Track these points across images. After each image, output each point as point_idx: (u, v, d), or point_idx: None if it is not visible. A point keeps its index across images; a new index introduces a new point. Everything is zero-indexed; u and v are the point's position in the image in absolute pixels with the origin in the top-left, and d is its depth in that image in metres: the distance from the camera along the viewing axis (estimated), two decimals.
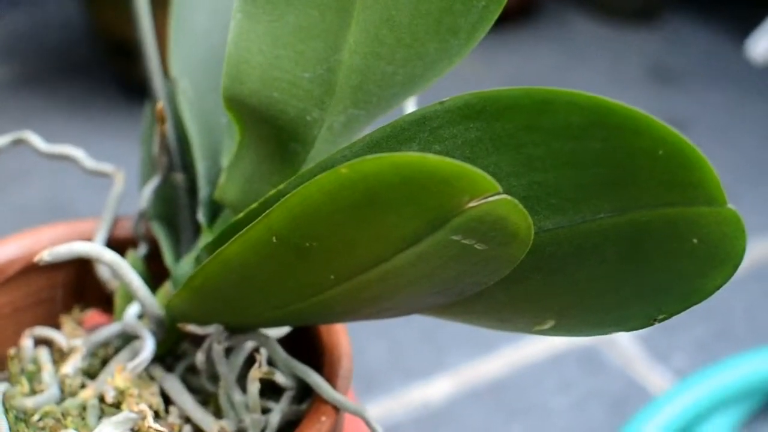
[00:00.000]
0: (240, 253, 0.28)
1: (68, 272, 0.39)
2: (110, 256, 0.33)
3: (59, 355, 0.36)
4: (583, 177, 0.26)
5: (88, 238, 0.39)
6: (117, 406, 0.33)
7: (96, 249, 0.32)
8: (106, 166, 0.39)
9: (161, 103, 0.35)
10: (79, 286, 0.40)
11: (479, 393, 0.53)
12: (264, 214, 0.27)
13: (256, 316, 0.31)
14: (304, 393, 0.34)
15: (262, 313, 0.30)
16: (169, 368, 0.35)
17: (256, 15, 0.29)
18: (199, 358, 0.33)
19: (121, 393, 0.32)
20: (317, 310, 0.29)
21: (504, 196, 0.23)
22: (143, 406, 0.30)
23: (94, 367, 0.35)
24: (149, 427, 0.30)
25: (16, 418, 0.33)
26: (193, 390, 0.34)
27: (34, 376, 0.35)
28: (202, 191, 0.35)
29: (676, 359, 0.57)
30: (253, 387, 0.32)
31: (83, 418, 0.33)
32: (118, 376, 0.32)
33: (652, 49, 0.94)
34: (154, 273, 0.36)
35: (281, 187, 0.30)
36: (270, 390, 0.34)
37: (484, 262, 0.27)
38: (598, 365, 0.57)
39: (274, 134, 0.31)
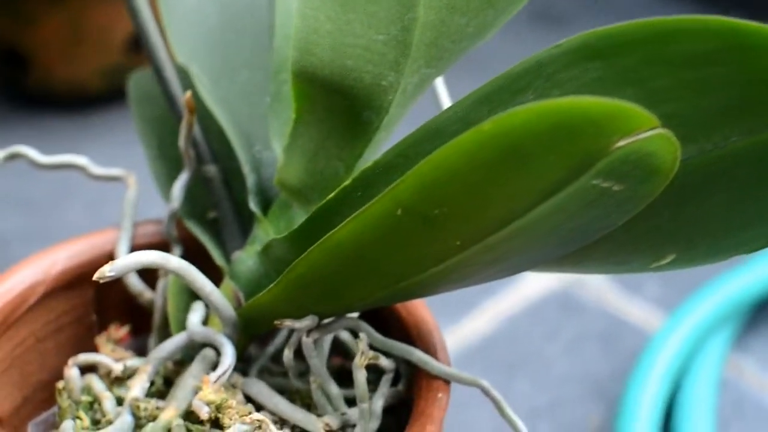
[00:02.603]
0: (357, 232, 0.26)
1: (85, 293, 0.36)
2: (176, 262, 0.30)
3: (110, 380, 0.33)
4: (713, 103, 0.26)
5: (110, 249, 0.36)
6: (209, 422, 0.30)
7: (162, 256, 0.30)
8: (115, 171, 0.36)
9: (189, 92, 0.32)
10: (99, 306, 0.36)
11: (472, 353, 0.53)
12: (391, 186, 0.25)
13: (361, 299, 0.29)
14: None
15: (370, 294, 0.29)
16: (244, 373, 0.33)
17: None
18: (287, 354, 0.31)
19: (218, 407, 0.29)
20: (433, 281, 0.28)
21: (660, 130, 0.23)
22: (259, 415, 0.28)
23: (156, 387, 0.33)
24: None
25: None
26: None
27: (92, 407, 0.32)
28: (250, 179, 0.33)
29: (648, 289, 0.58)
30: (361, 375, 0.30)
31: None
32: (207, 390, 0.30)
33: None
34: None
35: (379, 158, 0.28)
36: (346, 378, 0.33)
37: (618, 204, 0.26)
38: (575, 308, 0.57)
39: (346, 105, 0.29)
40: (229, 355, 0.31)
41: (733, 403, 0.50)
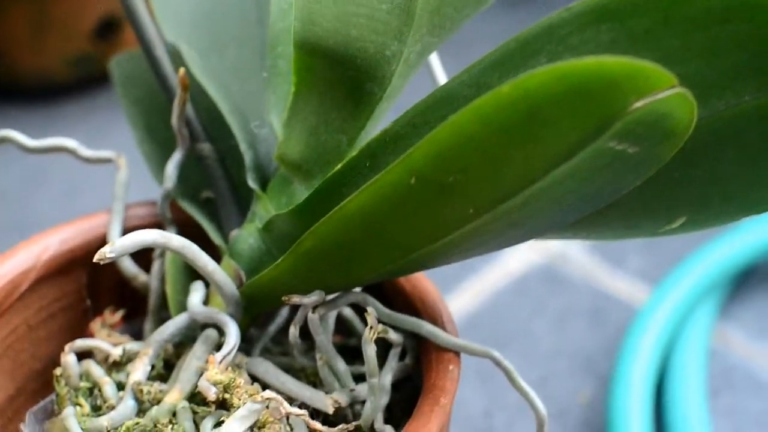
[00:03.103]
0: (368, 203, 0.25)
1: (77, 278, 0.35)
2: (178, 240, 0.29)
3: (108, 365, 0.32)
4: (726, 63, 0.26)
5: (102, 233, 0.35)
6: (215, 403, 0.30)
7: (163, 235, 0.29)
8: (105, 153, 0.35)
9: (183, 69, 0.32)
10: (91, 292, 0.36)
11: (460, 331, 0.52)
12: (404, 155, 0.24)
13: (370, 272, 0.29)
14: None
15: (379, 266, 0.28)
16: (246, 353, 0.32)
17: None
18: (293, 332, 0.30)
19: (225, 387, 0.29)
20: (444, 251, 0.28)
21: (678, 89, 0.22)
22: (271, 393, 0.27)
23: (157, 370, 0.32)
24: (287, 413, 0.27)
25: None
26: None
27: (91, 394, 0.32)
28: (247, 155, 0.32)
29: (631, 262, 0.58)
30: (370, 349, 0.29)
31: (174, 425, 0.29)
32: (213, 370, 0.29)
33: None
34: None
35: (387, 128, 0.28)
36: (348, 355, 0.32)
37: (632, 167, 0.25)
38: (560, 283, 0.57)
39: (349, 76, 0.29)
40: (233, 334, 0.30)
41: (722, 372, 0.51)
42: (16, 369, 0.34)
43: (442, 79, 0.34)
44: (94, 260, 0.28)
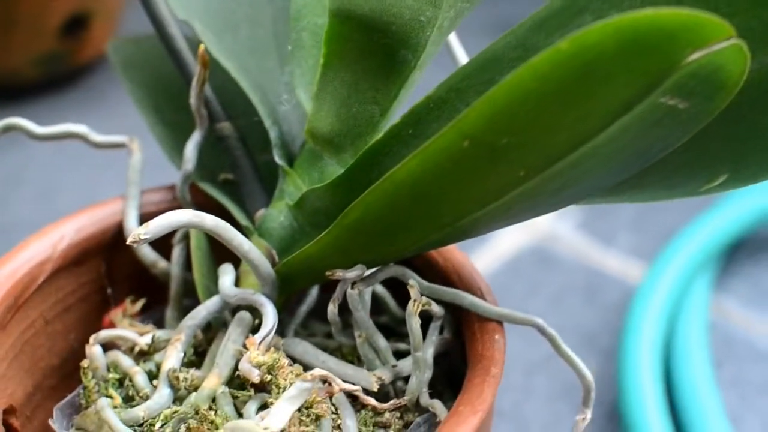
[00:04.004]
0: (418, 169, 0.25)
1: (93, 269, 0.34)
2: (212, 220, 0.28)
3: (134, 355, 0.31)
4: None
5: (118, 220, 0.34)
6: (253, 387, 0.29)
7: (197, 215, 0.28)
8: (117, 138, 0.34)
9: (203, 46, 0.31)
10: (108, 281, 0.35)
11: None
12: (457, 118, 0.24)
13: (413, 243, 0.28)
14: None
15: (424, 236, 0.28)
16: (281, 333, 0.31)
17: None
18: (332, 309, 0.30)
19: (269, 368, 0.28)
20: (490, 218, 0.27)
21: (734, 41, 0.22)
22: (322, 371, 0.27)
23: (187, 357, 0.31)
24: (341, 389, 0.27)
25: None
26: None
27: (121, 385, 0.31)
28: (272, 132, 0.31)
29: (621, 239, 0.58)
30: (415, 322, 0.29)
31: (215, 411, 0.29)
32: (254, 352, 0.28)
33: None
34: None
35: (431, 93, 0.27)
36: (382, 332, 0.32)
37: (681, 123, 0.25)
38: (552, 262, 0.57)
39: (383, 44, 0.28)
40: (271, 315, 0.29)
41: (723, 344, 0.51)
42: (33, 365, 0.33)
43: (462, 57, 0.34)
44: (128, 242, 0.27)
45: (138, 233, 0.27)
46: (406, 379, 0.30)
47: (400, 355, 0.31)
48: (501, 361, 0.28)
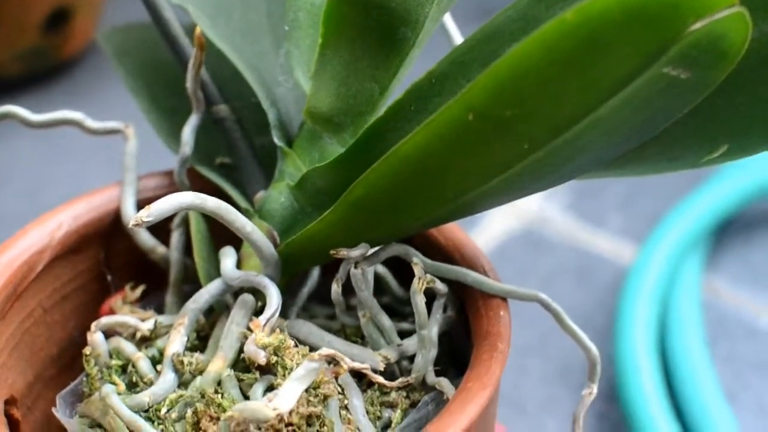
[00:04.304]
0: (423, 144, 0.25)
1: (90, 256, 0.34)
2: (213, 202, 0.28)
3: (136, 341, 0.31)
4: None
5: (115, 207, 0.34)
6: (258, 369, 0.29)
7: (198, 197, 0.28)
8: (112, 124, 0.34)
9: (199, 28, 0.31)
10: (104, 270, 0.34)
11: None
12: (463, 91, 0.24)
13: (418, 220, 0.28)
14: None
15: (429, 212, 0.27)
16: (284, 316, 0.31)
17: None
18: (335, 289, 0.30)
19: (275, 349, 0.28)
20: (493, 193, 0.27)
21: (737, 9, 0.22)
22: (330, 350, 0.27)
23: (190, 341, 0.31)
24: (348, 369, 0.27)
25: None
26: None
27: (124, 371, 0.30)
28: (270, 113, 0.31)
29: (610, 220, 0.59)
30: (420, 300, 0.29)
31: (221, 394, 0.28)
32: (260, 333, 0.28)
33: None
34: None
35: (432, 68, 0.27)
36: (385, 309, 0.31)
37: (683, 94, 0.25)
38: (542, 245, 0.57)
39: (382, 21, 0.28)
40: (274, 296, 0.29)
41: (716, 322, 0.51)
42: (33, 355, 0.33)
43: (457, 38, 0.34)
44: (130, 225, 0.27)
45: (140, 216, 0.27)
46: (411, 358, 0.30)
47: (403, 334, 0.31)
48: (507, 336, 0.28)
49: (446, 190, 0.27)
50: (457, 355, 0.32)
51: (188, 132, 0.32)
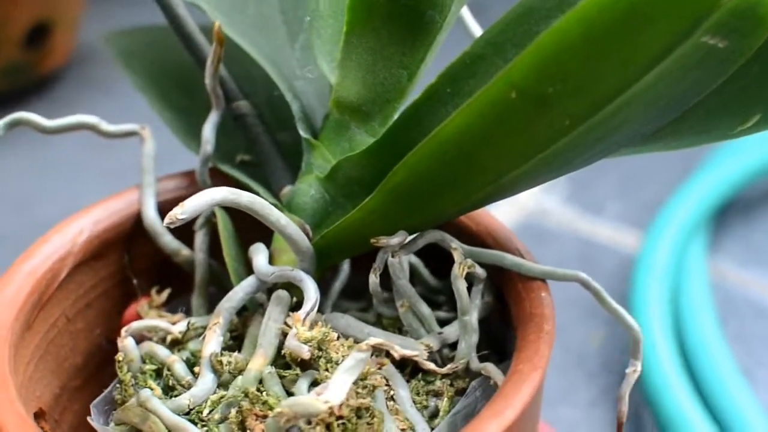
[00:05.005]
0: (465, 124, 0.24)
1: (112, 262, 0.33)
2: (248, 197, 0.28)
3: (167, 345, 0.30)
4: None
5: (135, 210, 0.33)
6: (298, 365, 0.28)
7: (233, 192, 0.27)
8: (128, 126, 0.33)
9: (218, 23, 0.30)
10: (130, 274, 0.34)
11: None
12: (505, 69, 0.23)
13: (456, 204, 0.28)
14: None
15: (467, 196, 0.27)
16: (318, 310, 0.31)
17: None
18: (373, 280, 0.29)
19: (319, 343, 0.27)
20: (533, 172, 0.27)
21: None
22: (376, 339, 0.26)
23: (224, 342, 0.30)
24: (402, 355, 0.26)
25: None
26: None
27: (158, 375, 0.30)
28: (294, 105, 0.31)
29: (609, 208, 0.59)
30: (461, 285, 0.28)
31: (265, 392, 0.28)
32: (301, 328, 0.27)
33: None
34: None
35: (467, 50, 0.27)
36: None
37: (720, 63, 0.25)
38: (544, 236, 0.57)
39: (408, 6, 0.28)
40: (312, 290, 0.28)
41: (725, 303, 0.51)
42: (58, 366, 0.32)
43: (476, 30, 0.33)
44: (164, 224, 0.26)
45: (174, 214, 0.26)
46: (451, 346, 0.30)
47: (439, 323, 0.30)
48: (552, 317, 0.28)
49: (486, 172, 0.26)
50: (494, 340, 0.31)
51: (209, 130, 0.31)
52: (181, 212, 0.26)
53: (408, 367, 0.29)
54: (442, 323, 0.30)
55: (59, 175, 0.60)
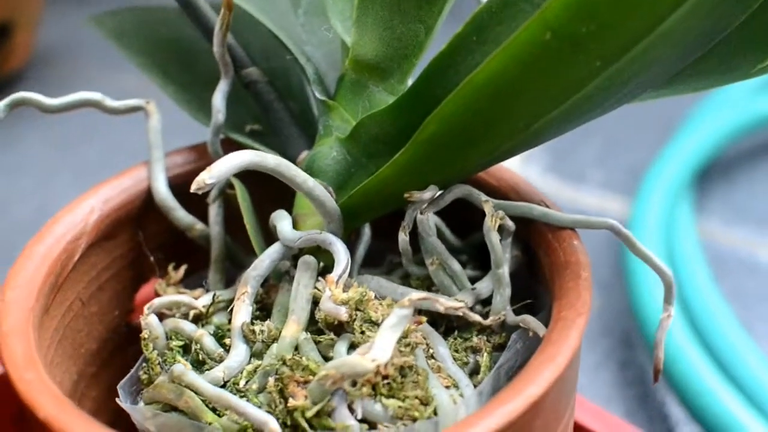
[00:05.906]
0: (499, 69, 0.24)
1: (124, 241, 0.32)
2: (274, 160, 0.27)
3: (191, 320, 0.30)
4: None
5: (145, 186, 0.32)
6: (332, 329, 0.27)
7: (258, 155, 0.27)
8: (133, 101, 0.32)
9: None
10: (146, 251, 0.33)
11: None
12: (540, 10, 0.23)
13: (486, 155, 0.27)
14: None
15: (498, 145, 0.27)
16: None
17: None
18: (402, 237, 0.29)
19: (357, 303, 0.27)
20: (564, 117, 0.26)
21: None
22: (420, 294, 0.26)
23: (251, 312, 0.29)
24: (447, 308, 0.26)
25: None
26: None
27: (185, 350, 0.29)
28: (308, 68, 0.30)
29: (591, 176, 0.59)
30: (495, 237, 0.28)
31: (300, 358, 0.27)
32: (336, 290, 0.27)
33: None
34: None
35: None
36: None
37: None
38: None
39: None
40: (342, 251, 0.28)
41: (716, 262, 0.51)
42: (75, 351, 0.31)
43: None
44: (192, 190, 0.25)
45: (202, 179, 0.25)
46: (483, 302, 0.29)
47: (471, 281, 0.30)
48: (588, 264, 0.28)
49: (518, 118, 0.26)
50: (520, 297, 0.31)
51: (219, 98, 0.31)
52: (209, 176, 0.25)
53: (442, 326, 0.29)
54: (471, 281, 0.30)
55: (31, 173, 0.59)
